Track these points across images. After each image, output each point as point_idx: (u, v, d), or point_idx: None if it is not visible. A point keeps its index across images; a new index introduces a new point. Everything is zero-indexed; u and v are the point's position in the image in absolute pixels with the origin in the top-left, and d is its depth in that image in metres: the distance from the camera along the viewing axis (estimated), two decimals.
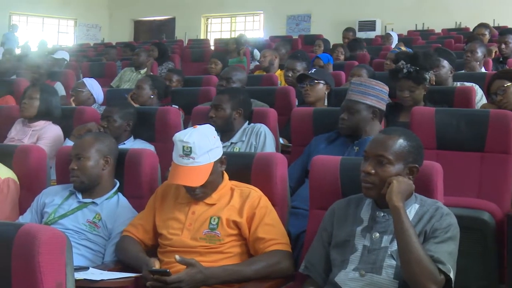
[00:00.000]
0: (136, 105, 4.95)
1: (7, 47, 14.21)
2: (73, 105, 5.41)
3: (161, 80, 5.94)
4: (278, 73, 7.00)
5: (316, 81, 4.76)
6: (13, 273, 1.98)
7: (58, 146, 4.27)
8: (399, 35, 10.54)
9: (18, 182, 3.42)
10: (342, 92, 4.52)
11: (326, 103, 4.81)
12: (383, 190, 2.33)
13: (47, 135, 4.51)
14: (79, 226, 3.04)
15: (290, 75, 5.86)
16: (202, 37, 16.69)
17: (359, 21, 13.96)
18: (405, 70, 4.18)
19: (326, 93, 4.82)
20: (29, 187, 3.45)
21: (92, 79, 5.79)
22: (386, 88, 3.60)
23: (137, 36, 18.09)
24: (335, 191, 2.75)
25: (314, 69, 4.98)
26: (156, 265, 2.60)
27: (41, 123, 4.62)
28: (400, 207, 2.24)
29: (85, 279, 2.47)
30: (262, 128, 4.01)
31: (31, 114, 4.62)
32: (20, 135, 4.59)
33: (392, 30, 11.72)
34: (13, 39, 15.64)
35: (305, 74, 4.94)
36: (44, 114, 4.64)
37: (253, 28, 16.84)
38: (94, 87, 5.61)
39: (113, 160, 3.23)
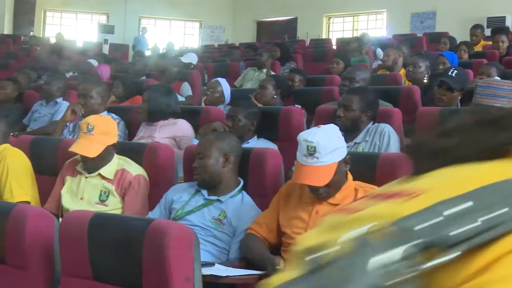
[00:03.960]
0: (259, 105, 5.00)
1: (137, 49, 14.85)
2: (203, 104, 5.52)
3: (285, 80, 5.97)
4: (402, 72, 6.85)
5: (455, 90, 4.53)
6: (144, 266, 2.07)
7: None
8: None
9: (147, 179, 3.55)
10: (471, 92, 4.37)
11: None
12: None
13: (184, 133, 4.61)
14: (205, 223, 3.12)
15: (411, 69, 5.74)
16: (324, 36, 16.63)
17: (488, 18, 13.38)
18: None
19: (459, 98, 4.60)
20: (157, 184, 3.58)
21: (224, 79, 5.90)
22: None
23: (260, 37, 18.31)
24: None
25: (455, 71, 4.61)
26: (281, 264, 2.62)
27: (163, 122, 4.71)
28: None
29: (211, 274, 2.52)
30: (386, 128, 3.93)
31: (144, 118, 4.75)
32: (147, 133, 4.74)
33: None
34: (143, 41, 16.29)
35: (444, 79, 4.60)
36: (157, 115, 4.70)
37: (375, 26, 16.60)
38: (226, 88, 5.70)
39: (235, 158, 3.28)
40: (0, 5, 17.05)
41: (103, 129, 3.51)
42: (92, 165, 3.49)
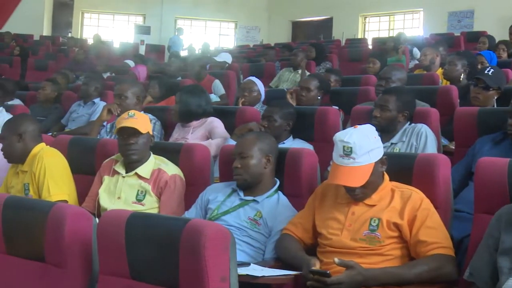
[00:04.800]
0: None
1: (172, 50, 14.95)
2: (240, 104, 5.53)
3: (326, 79, 5.93)
4: (439, 71, 6.78)
5: (491, 88, 4.48)
6: (180, 265, 2.08)
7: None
8: None
9: (183, 179, 3.57)
10: (509, 91, 4.30)
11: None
12: None
13: (217, 130, 4.63)
14: (240, 223, 3.13)
15: (446, 68, 5.69)
16: (359, 36, 16.55)
17: None
18: None
19: (495, 97, 4.53)
20: (193, 184, 3.60)
21: (255, 77, 5.90)
22: None
23: (295, 37, 18.29)
24: (503, 196, 2.61)
25: (492, 70, 4.55)
26: (317, 265, 2.61)
27: (196, 123, 4.74)
28: None
29: (247, 274, 2.53)
30: (423, 128, 3.90)
31: (176, 118, 4.80)
32: (182, 135, 4.77)
33: None
34: (179, 42, 16.39)
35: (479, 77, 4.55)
36: (188, 116, 4.74)
37: (412, 26, 16.46)
38: (261, 86, 5.71)
39: (274, 159, 3.28)
40: (39, 7, 17.34)
41: (141, 115, 3.62)
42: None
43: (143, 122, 3.56)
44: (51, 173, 3.64)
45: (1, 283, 2.55)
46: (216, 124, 4.66)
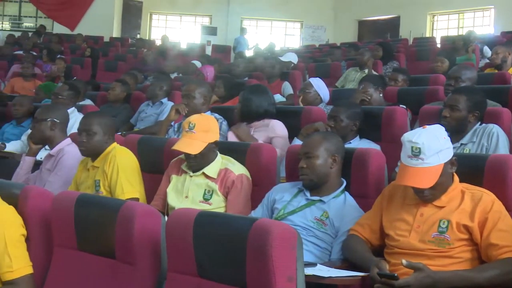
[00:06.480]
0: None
1: (238, 51, 15.05)
2: (301, 104, 5.55)
3: (377, 75, 5.86)
4: (511, 70, 6.60)
5: None
6: (247, 264, 2.09)
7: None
8: None
9: (250, 178, 3.59)
10: None
11: None
12: None
13: (276, 133, 4.64)
14: (307, 223, 3.12)
15: None
16: (427, 35, 16.26)
17: None
18: None
19: None
20: (260, 183, 3.61)
21: (318, 79, 5.88)
22: None
23: (361, 36, 18.12)
24: None
25: None
26: (385, 267, 2.58)
27: (257, 123, 4.75)
28: None
29: (313, 275, 2.52)
30: (495, 128, 3.80)
31: (238, 118, 4.81)
32: None
33: None
34: (243, 42, 16.49)
35: None
36: (249, 115, 4.74)
37: (482, 23, 16.06)
38: (320, 87, 5.69)
39: (340, 159, 3.26)
40: (109, 9, 17.75)
41: (204, 127, 3.57)
42: (195, 163, 3.57)
43: (200, 136, 3.54)
44: (124, 172, 3.73)
45: (73, 278, 2.62)
46: (277, 127, 4.65)
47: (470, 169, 2.87)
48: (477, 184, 2.79)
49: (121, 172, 3.71)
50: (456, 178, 2.77)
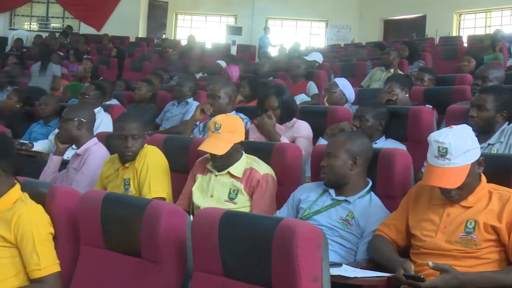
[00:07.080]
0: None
1: (263, 50, 15.05)
2: (326, 104, 5.53)
3: (403, 75, 5.82)
4: None
5: None
6: (273, 264, 2.09)
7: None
8: None
9: (275, 178, 3.59)
10: None
11: None
12: None
13: (300, 133, 4.63)
14: (332, 223, 3.11)
15: None
16: (454, 34, 16.12)
17: None
18: None
19: None
20: (285, 183, 3.61)
21: (343, 78, 5.87)
22: None
23: (387, 36, 18.02)
24: None
25: None
26: (411, 267, 2.57)
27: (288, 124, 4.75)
28: None
29: (339, 275, 2.51)
30: None
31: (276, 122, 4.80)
32: None
33: None
34: (266, 41, 16.51)
35: None
36: (291, 116, 4.71)
37: (510, 22, 15.86)
38: (346, 87, 5.68)
39: (364, 161, 3.23)
40: (135, 10, 17.87)
41: (230, 127, 3.58)
42: (220, 163, 3.58)
43: (226, 137, 3.54)
44: (153, 171, 3.75)
45: (100, 276, 2.64)
46: (302, 128, 4.64)
47: (497, 169, 2.84)
48: (504, 184, 2.76)
49: (150, 171, 3.73)
50: (483, 178, 2.74)
